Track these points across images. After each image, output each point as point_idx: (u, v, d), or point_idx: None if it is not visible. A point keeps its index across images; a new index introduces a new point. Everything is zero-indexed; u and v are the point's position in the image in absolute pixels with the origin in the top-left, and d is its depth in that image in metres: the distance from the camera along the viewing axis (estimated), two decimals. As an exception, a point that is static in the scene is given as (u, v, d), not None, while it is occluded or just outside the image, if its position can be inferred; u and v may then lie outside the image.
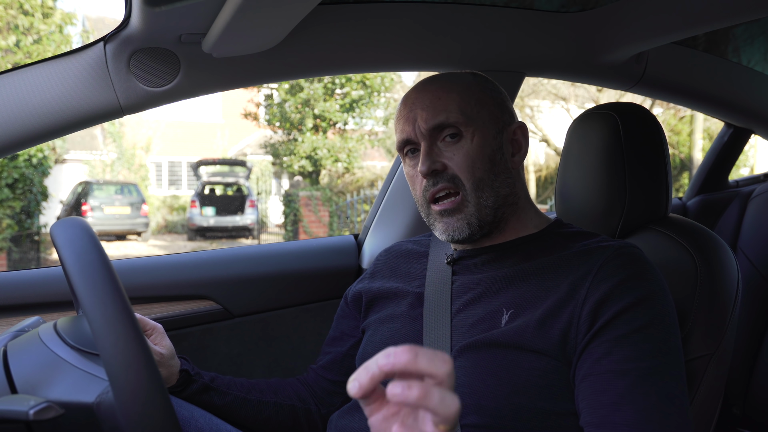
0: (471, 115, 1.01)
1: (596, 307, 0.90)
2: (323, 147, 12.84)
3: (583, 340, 0.89)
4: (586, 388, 0.87)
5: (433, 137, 1.01)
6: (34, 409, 0.67)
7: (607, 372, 0.86)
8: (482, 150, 1.01)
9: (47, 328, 0.84)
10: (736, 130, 2.21)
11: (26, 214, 8.93)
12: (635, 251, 0.96)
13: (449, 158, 1.01)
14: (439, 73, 1.08)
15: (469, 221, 1.01)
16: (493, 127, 1.03)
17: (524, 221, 1.07)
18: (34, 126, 1.14)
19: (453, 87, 1.03)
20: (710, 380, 1.05)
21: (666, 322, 0.89)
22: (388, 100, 13.91)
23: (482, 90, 1.05)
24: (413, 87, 1.08)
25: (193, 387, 1.12)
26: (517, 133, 1.07)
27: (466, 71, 1.10)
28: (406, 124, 1.03)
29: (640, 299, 0.89)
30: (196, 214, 13.84)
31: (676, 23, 1.34)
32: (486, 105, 1.04)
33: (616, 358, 0.86)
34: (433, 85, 1.04)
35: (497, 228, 1.05)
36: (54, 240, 0.74)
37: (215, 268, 1.52)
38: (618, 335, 0.87)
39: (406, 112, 1.04)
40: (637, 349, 0.86)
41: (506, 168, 1.04)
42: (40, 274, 1.35)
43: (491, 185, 1.02)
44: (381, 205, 1.72)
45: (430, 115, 1.01)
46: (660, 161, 1.18)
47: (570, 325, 0.90)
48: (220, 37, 1.08)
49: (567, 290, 0.93)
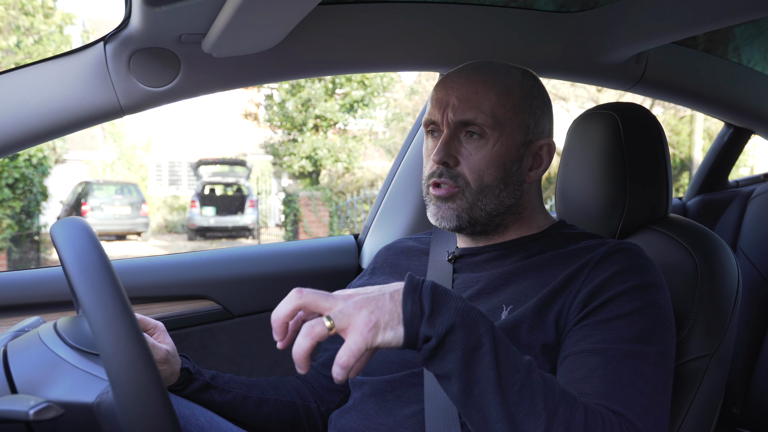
0: (501, 120, 1.00)
1: (588, 296, 0.90)
2: (323, 147, 12.84)
3: (569, 325, 0.90)
4: (563, 368, 0.87)
5: (457, 129, 1.01)
6: (34, 409, 0.67)
7: (583, 351, 0.86)
8: (500, 158, 1.00)
9: (47, 328, 0.84)
10: (736, 130, 2.21)
11: (26, 214, 8.93)
12: (635, 248, 0.97)
13: (465, 155, 1.00)
14: (488, 62, 1.06)
15: (459, 214, 1.01)
16: (520, 137, 1.02)
17: (528, 223, 1.07)
18: (34, 126, 1.14)
19: (494, 84, 1.00)
20: (710, 380, 1.05)
21: (655, 313, 0.89)
22: (387, 100, 13.90)
23: (525, 96, 1.02)
24: (457, 69, 1.05)
25: (194, 385, 1.12)
26: (543, 149, 1.05)
27: (520, 67, 1.07)
28: (437, 108, 1.02)
29: (630, 288, 0.90)
30: (196, 214, 13.84)
31: (676, 23, 1.34)
32: (521, 113, 1.01)
33: (594, 339, 0.86)
34: (475, 76, 1.02)
35: (496, 230, 1.05)
36: (54, 240, 0.74)
37: (215, 268, 1.52)
38: (601, 319, 0.88)
39: (442, 94, 1.02)
40: (617, 333, 0.86)
41: (519, 180, 1.03)
42: (40, 274, 1.35)
43: (497, 194, 1.01)
44: (381, 205, 1.72)
45: (461, 109, 0.99)
46: (660, 161, 1.18)
47: (560, 313, 0.91)
48: (220, 37, 1.08)
49: (564, 281, 0.94)
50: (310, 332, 0.72)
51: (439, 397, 0.93)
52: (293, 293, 0.75)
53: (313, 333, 0.71)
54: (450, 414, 0.92)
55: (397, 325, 0.73)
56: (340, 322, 0.72)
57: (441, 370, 0.74)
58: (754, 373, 1.81)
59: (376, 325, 0.72)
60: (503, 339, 0.76)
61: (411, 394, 0.97)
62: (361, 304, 0.73)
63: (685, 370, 1.04)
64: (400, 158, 1.70)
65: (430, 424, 0.92)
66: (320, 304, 0.74)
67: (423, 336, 0.73)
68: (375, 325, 0.72)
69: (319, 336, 0.72)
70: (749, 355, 1.83)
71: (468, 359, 0.73)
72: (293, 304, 0.74)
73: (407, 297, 0.74)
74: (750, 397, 1.82)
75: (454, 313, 0.74)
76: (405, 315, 0.73)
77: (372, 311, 0.73)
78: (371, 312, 0.72)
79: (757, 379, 1.80)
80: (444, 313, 0.74)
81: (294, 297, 0.75)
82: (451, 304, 0.75)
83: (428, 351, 0.73)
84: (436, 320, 0.73)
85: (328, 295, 0.75)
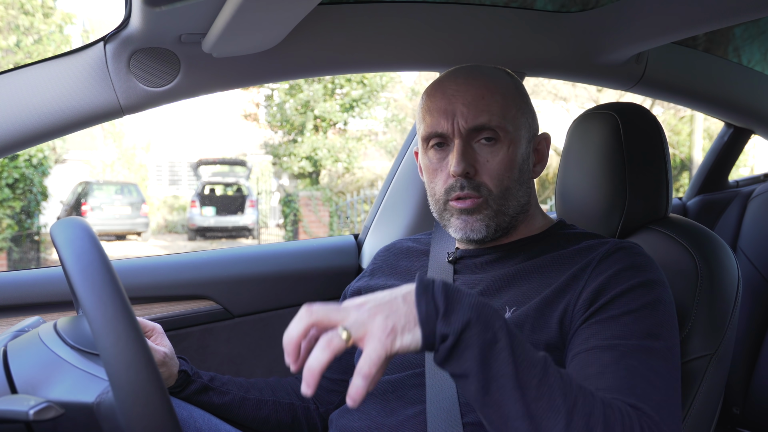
0: (512, 120, 0.99)
1: (593, 294, 0.90)
2: (323, 147, 12.84)
3: (576, 324, 0.89)
4: (573, 366, 0.86)
5: (470, 137, 0.99)
6: (34, 409, 0.67)
7: (593, 348, 0.85)
8: (515, 159, 1.00)
9: (47, 328, 0.84)
10: (736, 130, 2.21)
11: (26, 214, 8.92)
12: (636, 247, 0.97)
13: (482, 163, 0.99)
14: (475, 65, 1.05)
15: (487, 224, 1.00)
16: (526, 135, 1.02)
17: (530, 224, 1.07)
18: (34, 126, 1.14)
19: (496, 87, 1.00)
20: (710, 380, 1.05)
21: (661, 309, 0.89)
22: (387, 100, 13.90)
23: (519, 94, 1.03)
24: (451, 76, 1.03)
25: (192, 387, 1.12)
26: (542, 143, 1.06)
27: (499, 68, 1.06)
28: (443, 118, 0.99)
29: (635, 285, 0.89)
30: (196, 214, 13.84)
31: (676, 23, 1.34)
32: (524, 112, 1.02)
33: (603, 336, 0.86)
34: (476, 80, 1.00)
35: (507, 231, 1.05)
36: (54, 240, 0.74)
37: (215, 268, 1.52)
38: (608, 316, 0.87)
39: (444, 103, 0.99)
40: (626, 329, 0.85)
41: (529, 178, 1.04)
42: (40, 274, 1.35)
43: (516, 195, 1.01)
44: (381, 205, 1.72)
45: (472, 115, 0.97)
46: (660, 161, 1.18)
47: (565, 312, 0.91)
48: (220, 37, 1.08)
49: (567, 281, 0.93)
50: (328, 345, 0.69)
51: (442, 397, 0.93)
52: (303, 311, 0.73)
53: (331, 346, 0.69)
54: (452, 415, 0.92)
55: (414, 326, 0.72)
56: (356, 332, 0.70)
57: (458, 369, 0.73)
58: (754, 373, 1.81)
59: (393, 329, 0.70)
60: (517, 334, 0.75)
61: (413, 395, 0.97)
62: (374, 311, 0.71)
63: (685, 370, 1.04)
64: (400, 158, 1.70)
65: (432, 424, 0.92)
66: (332, 317, 0.72)
67: (440, 335, 0.72)
68: (392, 330, 0.70)
69: (337, 349, 0.70)
70: (749, 355, 1.83)
71: (485, 356, 0.72)
72: (305, 322, 0.72)
73: (420, 297, 0.73)
74: (750, 397, 1.82)
75: (468, 309, 0.73)
76: (420, 315, 0.72)
77: (387, 316, 0.71)
78: (386, 317, 0.71)
79: (757, 379, 1.80)
80: (458, 309, 0.73)
81: (305, 315, 0.72)
82: (464, 300, 0.74)
83: (446, 350, 0.72)
84: (452, 317, 0.72)
85: (339, 307, 0.73)
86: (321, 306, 0.73)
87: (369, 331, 0.70)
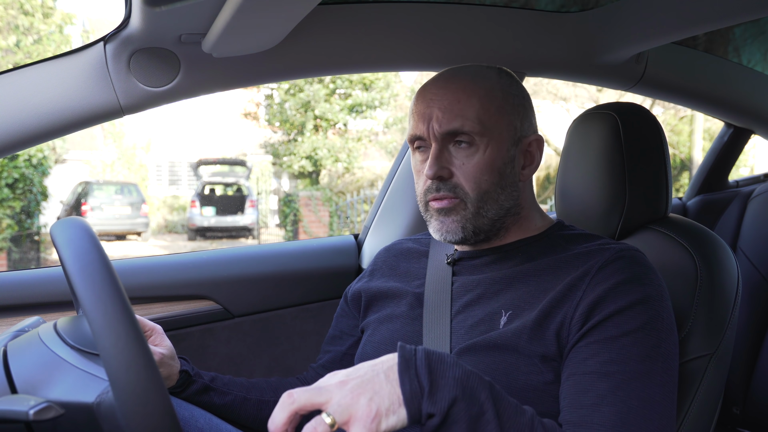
0: (488, 124, 0.98)
1: (590, 308, 0.89)
2: (323, 147, 12.84)
3: (573, 339, 0.89)
4: (569, 387, 0.87)
5: (445, 141, 0.99)
6: (34, 409, 0.67)
7: (591, 372, 0.85)
8: (493, 163, 0.99)
9: (47, 328, 0.84)
10: (736, 130, 2.21)
11: (26, 214, 8.92)
12: (636, 254, 0.95)
13: (458, 166, 0.99)
14: (462, 67, 1.04)
15: (463, 225, 1.00)
16: (508, 138, 1.00)
17: (526, 225, 1.06)
18: (34, 126, 1.14)
19: (475, 90, 0.99)
20: (710, 380, 1.05)
21: (659, 327, 0.88)
22: (388, 100, 13.90)
23: (506, 95, 1.01)
24: (433, 80, 1.03)
25: (192, 387, 1.12)
26: (532, 145, 1.04)
27: (493, 66, 1.05)
28: (420, 121, 1.00)
29: (634, 302, 0.89)
30: (196, 214, 13.84)
31: (676, 23, 1.34)
32: (506, 114, 1.00)
33: (601, 360, 0.86)
34: (454, 84, 1.00)
35: (497, 234, 1.04)
36: (54, 240, 0.74)
37: (215, 268, 1.52)
38: (606, 337, 0.87)
39: (423, 107, 1.00)
40: (623, 353, 0.85)
41: (514, 181, 1.02)
42: (40, 274, 1.35)
43: (496, 199, 1.00)
44: (381, 205, 1.72)
45: (446, 119, 0.97)
46: (660, 161, 1.18)
47: (562, 325, 0.90)
48: (220, 37, 1.08)
49: (564, 290, 0.93)
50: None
51: None
52: (284, 399, 0.71)
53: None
54: None
55: (399, 407, 0.71)
56: (340, 417, 0.69)
57: None
58: (754, 373, 1.81)
59: (378, 413, 0.69)
60: (504, 398, 0.76)
61: None
62: (357, 392, 0.70)
63: (685, 370, 1.04)
64: (400, 158, 1.70)
65: None
66: (315, 401, 0.71)
67: (426, 414, 0.71)
68: (377, 414, 0.69)
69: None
70: (749, 355, 1.83)
71: (473, 428, 0.72)
72: (287, 411, 0.70)
73: (404, 375, 0.72)
74: (750, 397, 1.82)
75: (454, 385, 0.72)
76: (405, 395, 0.71)
77: (371, 398, 0.70)
78: (370, 399, 0.70)
79: (757, 379, 1.80)
80: (443, 386, 0.72)
81: (286, 404, 0.71)
82: (448, 373, 0.73)
83: (433, 427, 0.72)
84: (437, 395, 0.71)
85: (320, 388, 0.71)
86: (302, 391, 0.71)
87: (353, 416, 0.69)
